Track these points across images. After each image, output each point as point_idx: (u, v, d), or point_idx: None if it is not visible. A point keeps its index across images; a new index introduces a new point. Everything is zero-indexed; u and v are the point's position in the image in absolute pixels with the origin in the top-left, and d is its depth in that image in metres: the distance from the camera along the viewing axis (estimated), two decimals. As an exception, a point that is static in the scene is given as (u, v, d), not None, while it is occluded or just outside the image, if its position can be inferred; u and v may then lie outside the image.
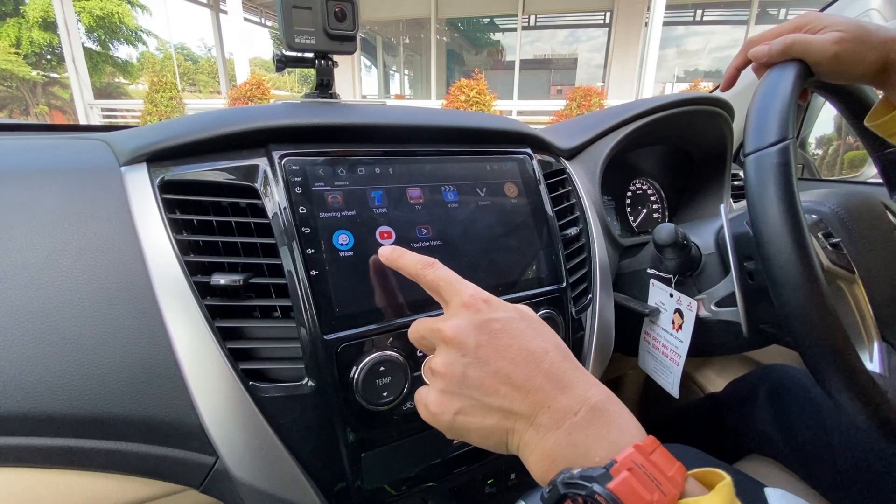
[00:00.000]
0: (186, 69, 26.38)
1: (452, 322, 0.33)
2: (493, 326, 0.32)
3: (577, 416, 0.29)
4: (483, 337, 0.32)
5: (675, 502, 0.25)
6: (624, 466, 0.25)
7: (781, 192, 0.40)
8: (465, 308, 0.33)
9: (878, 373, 0.45)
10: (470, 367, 0.31)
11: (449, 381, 0.32)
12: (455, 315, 0.33)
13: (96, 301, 0.39)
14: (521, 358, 0.31)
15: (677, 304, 0.62)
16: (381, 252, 0.41)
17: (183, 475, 0.42)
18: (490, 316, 0.33)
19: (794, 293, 0.39)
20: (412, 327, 0.37)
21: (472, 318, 0.33)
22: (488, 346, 0.32)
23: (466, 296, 0.34)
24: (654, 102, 0.76)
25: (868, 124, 0.51)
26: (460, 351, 0.32)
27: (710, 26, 9.47)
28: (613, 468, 0.25)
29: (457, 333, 0.32)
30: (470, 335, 0.32)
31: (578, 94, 6.47)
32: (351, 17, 0.51)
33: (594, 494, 0.25)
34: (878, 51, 0.44)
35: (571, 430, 0.28)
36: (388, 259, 0.40)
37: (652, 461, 0.26)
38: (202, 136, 0.44)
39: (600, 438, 0.28)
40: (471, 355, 0.31)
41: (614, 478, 0.25)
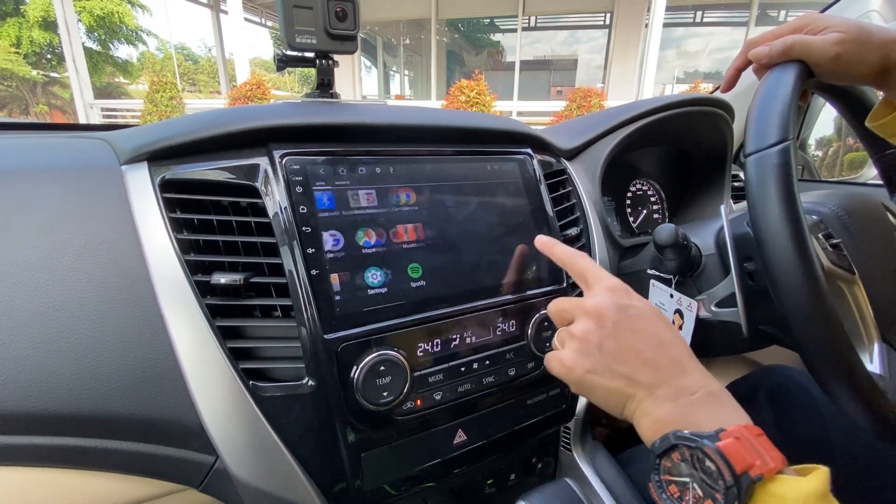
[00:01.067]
0: (186, 69, 26.38)
1: (596, 299, 0.38)
2: (631, 311, 0.37)
3: (695, 396, 0.33)
4: (622, 317, 0.37)
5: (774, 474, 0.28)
6: (732, 434, 0.29)
7: (782, 192, 0.39)
8: (608, 291, 0.38)
9: (878, 374, 0.45)
10: (606, 339, 0.36)
11: (586, 345, 0.37)
12: (599, 294, 0.38)
13: (97, 300, 0.39)
14: (651, 341, 0.36)
15: (677, 305, 0.62)
16: (539, 239, 0.47)
17: (183, 474, 0.42)
18: (629, 302, 0.38)
19: (794, 294, 0.39)
20: (555, 302, 0.42)
21: (613, 300, 0.38)
22: (625, 325, 0.36)
23: (611, 283, 0.39)
24: (654, 103, 0.76)
25: (869, 125, 0.51)
26: (599, 323, 0.37)
27: (710, 28, 9.48)
28: (723, 433, 0.29)
29: (599, 308, 0.37)
30: (610, 312, 0.37)
31: (578, 94, 6.47)
32: (352, 16, 0.52)
33: (703, 447, 0.28)
34: (878, 52, 0.44)
35: (687, 404, 0.33)
36: (542, 245, 0.46)
37: (758, 439, 0.29)
38: (203, 136, 0.44)
39: (712, 415, 0.32)
40: (608, 329, 0.36)
41: (722, 440, 0.28)
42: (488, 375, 0.51)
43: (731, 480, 0.27)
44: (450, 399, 0.49)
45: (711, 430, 0.30)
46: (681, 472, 0.30)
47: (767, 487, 0.27)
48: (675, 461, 0.30)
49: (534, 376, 0.54)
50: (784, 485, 0.28)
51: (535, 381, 0.55)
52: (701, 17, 9.25)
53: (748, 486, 0.27)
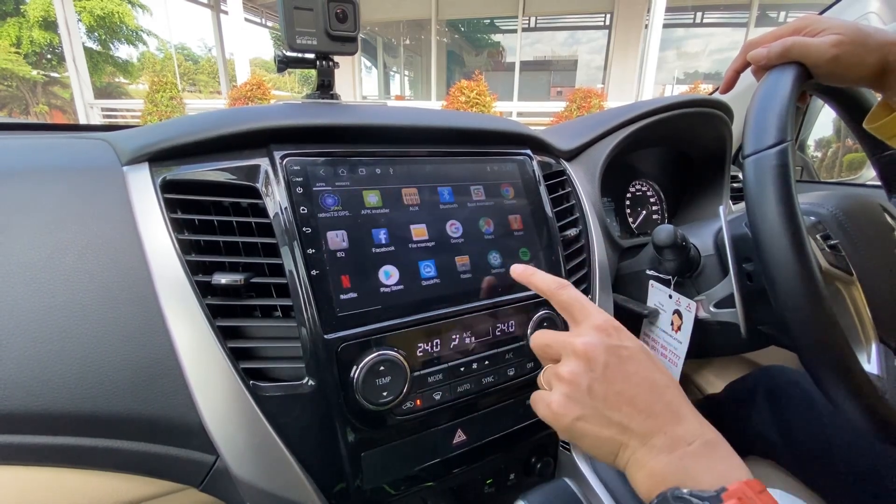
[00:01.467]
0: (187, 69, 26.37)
1: (585, 339, 0.35)
2: (622, 353, 0.35)
3: (691, 447, 0.31)
4: (612, 359, 0.34)
5: None
6: (734, 495, 0.26)
7: (780, 193, 0.40)
8: (596, 330, 0.36)
9: (875, 374, 0.45)
10: (596, 382, 0.34)
11: (575, 389, 0.34)
12: (587, 334, 0.36)
13: (98, 300, 0.39)
14: (644, 385, 0.34)
15: (676, 306, 0.62)
16: (514, 269, 0.43)
17: (183, 474, 0.43)
18: (620, 343, 0.35)
19: (792, 295, 0.39)
20: (538, 335, 0.39)
21: (603, 340, 0.35)
22: (616, 368, 0.34)
23: (600, 319, 0.37)
24: (653, 104, 0.77)
25: (867, 127, 0.52)
26: (589, 366, 0.34)
27: (709, 28, 9.49)
28: (724, 494, 0.27)
29: (588, 350, 0.34)
30: (600, 354, 0.34)
31: (578, 95, 6.48)
32: (352, 18, 0.52)
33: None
34: (876, 53, 0.44)
35: (684, 456, 0.31)
36: (520, 276, 0.42)
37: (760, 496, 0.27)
38: (204, 136, 0.45)
39: (710, 469, 0.30)
40: (599, 372, 0.34)
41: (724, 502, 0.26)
42: (487, 376, 0.51)
43: None
44: (449, 399, 0.49)
45: (712, 489, 0.28)
46: None
47: None
48: None
49: (533, 376, 0.54)
50: None
51: (534, 380, 0.55)
52: (701, 17, 9.25)
53: None
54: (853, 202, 0.53)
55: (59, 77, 14.71)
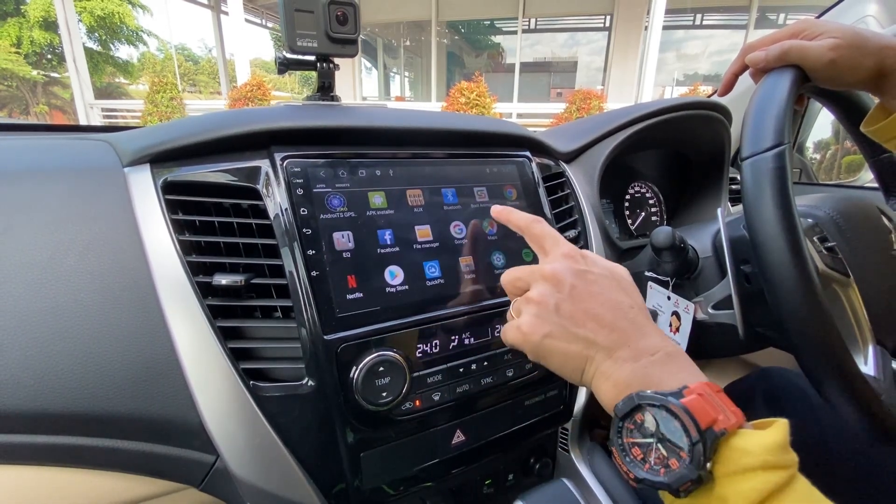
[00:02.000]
0: (187, 70, 26.39)
1: (552, 265, 0.37)
2: (588, 276, 0.37)
3: (655, 357, 0.33)
4: (578, 281, 0.36)
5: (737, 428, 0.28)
6: (695, 391, 0.29)
7: (777, 196, 0.40)
8: (564, 257, 0.38)
9: (872, 375, 0.46)
10: (563, 302, 0.36)
11: (543, 309, 0.36)
12: (555, 260, 0.38)
13: (99, 300, 0.39)
14: (609, 304, 0.36)
15: (675, 307, 0.62)
16: (493, 209, 0.45)
17: (183, 474, 0.43)
18: (586, 268, 0.37)
19: (789, 296, 0.40)
20: (508, 272, 0.41)
21: (570, 265, 0.37)
22: (582, 289, 0.36)
23: (567, 248, 0.39)
24: (652, 107, 0.77)
25: (864, 130, 0.52)
26: (557, 287, 0.36)
27: (709, 30, 9.51)
28: (686, 391, 0.30)
29: (555, 273, 0.37)
30: (567, 277, 0.36)
31: (578, 97, 6.49)
32: (352, 20, 0.52)
33: (668, 405, 0.28)
34: (873, 57, 0.44)
35: (648, 365, 0.33)
36: (498, 215, 0.44)
37: (718, 395, 0.30)
38: (205, 138, 0.45)
39: (672, 375, 0.32)
40: (565, 293, 0.36)
41: (686, 397, 0.29)
42: (486, 376, 0.51)
43: (697, 437, 0.27)
44: (448, 399, 0.49)
45: (674, 389, 0.30)
46: (644, 434, 0.30)
47: (730, 442, 0.28)
48: (638, 422, 0.30)
49: (532, 377, 0.55)
50: (746, 439, 0.28)
51: (533, 382, 0.55)
52: (700, 19, 9.27)
53: (713, 442, 0.27)
54: (850, 204, 0.53)
55: (60, 77, 14.72)
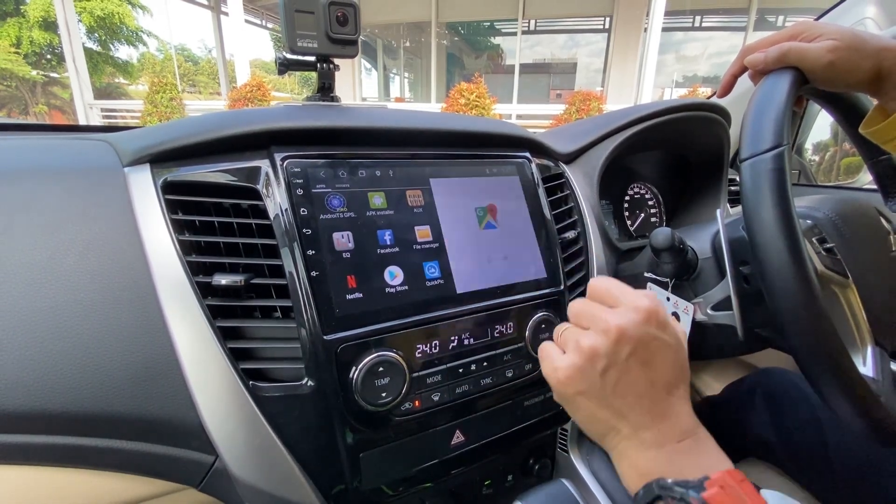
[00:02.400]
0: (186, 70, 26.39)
1: (621, 319, 0.33)
2: (653, 345, 0.33)
3: (681, 444, 0.32)
4: (641, 350, 0.33)
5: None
6: (716, 483, 0.28)
7: (776, 197, 0.40)
8: (639, 314, 0.33)
9: (871, 377, 0.46)
10: (613, 367, 0.33)
11: (590, 365, 0.33)
12: (628, 315, 0.33)
13: (98, 300, 0.39)
14: (659, 383, 0.33)
15: (674, 308, 0.62)
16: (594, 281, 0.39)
17: (182, 474, 0.43)
18: (654, 333, 0.33)
19: (787, 297, 0.40)
20: (577, 302, 0.37)
21: (641, 327, 0.33)
22: (638, 359, 0.33)
23: (644, 304, 0.34)
24: (652, 108, 0.77)
25: (863, 131, 0.52)
26: (614, 348, 0.33)
27: (708, 32, 9.53)
28: (707, 482, 0.28)
29: (620, 332, 0.33)
30: (630, 341, 0.33)
31: (578, 98, 6.49)
32: (353, 21, 0.52)
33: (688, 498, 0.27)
34: (871, 59, 0.44)
35: (672, 452, 0.32)
36: None
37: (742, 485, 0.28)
38: (205, 138, 0.45)
39: (696, 464, 0.31)
40: (620, 358, 0.33)
41: (707, 489, 0.27)
42: (486, 377, 0.51)
43: None
44: (448, 400, 0.49)
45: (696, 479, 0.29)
46: None
47: None
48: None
49: (531, 378, 0.55)
50: None
51: (533, 382, 0.55)
52: (700, 21, 9.29)
53: None
54: (849, 206, 0.53)
55: (59, 77, 14.71)
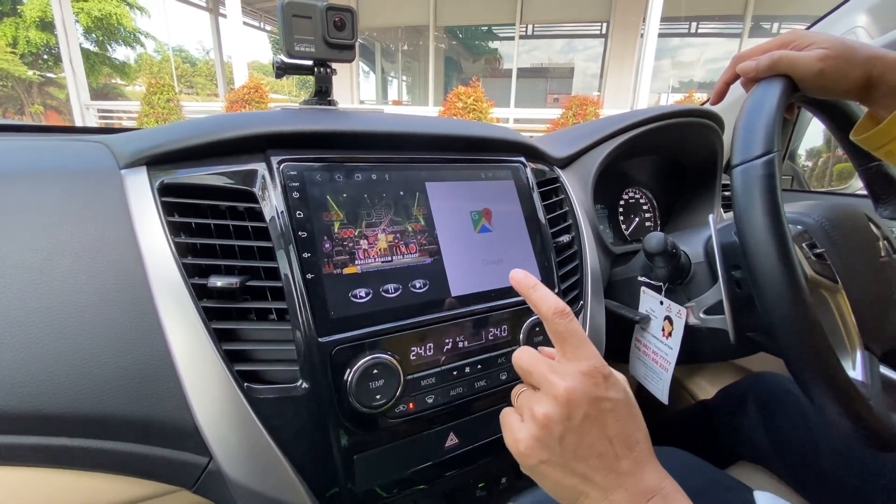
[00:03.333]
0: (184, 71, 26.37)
1: (570, 384, 0.33)
2: (604, 405, 0.34)
3: (651, 501, 0.32)
4: (593, 411, 0.33)
5: None
6: None
7: (766, 202, 0.41)
8: (585, 376, 0.34)
9: (860, 381, 0.46)
10: (570, 433, 0.33)
11: (546, 434, 0.33)
12: (574, 378, 0.34)
13: (94, 302, 0.39)
14: (618, 441, 0.33)
15: (667, 312, 0.63)
16: (514, 275, 0.38)
17: (176, 475, 0.43)
18: (605, 395, 0.34)
19: (778, 301, 0.40)
20: (522, 355, 0.37)
21: (589, 389, 0.33)
22: (594, 421, 0.33)
23: (588, 365, 0.34)
24: (646, 114, 0.78)
25: (853, 138, 0.53)
26: (567, 413, 0.33)
27: (704, 38, 9.60)
28: None
29: (571, 398, 0.33)
30: (582, 405, 0.33)
31: (575, 102, 6.52)
32: (350, 26, 0.53)
33: None
34: (861, 68, 0.45)
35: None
36: (519, 285, 0.38)
37: None
38: (202, 141, 0.45)
39: None
40: (575, 422, 0.33)
41: None
42: (480, 379, 0.52)
43: None
44: (442, 402, 0.49)
45: None
46: None
47: None
48: None
49: (525, 381, 0.55)
50: None
51: (527, 385, 0.55)
52: (695, 28, 9.36)
53: None
54: (839, 212, 0.54)
55: (55, 78, 14.66)
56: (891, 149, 0.49)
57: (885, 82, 0.45)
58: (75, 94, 7.84)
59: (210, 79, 24.19)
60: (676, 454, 0.60)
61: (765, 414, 0.73)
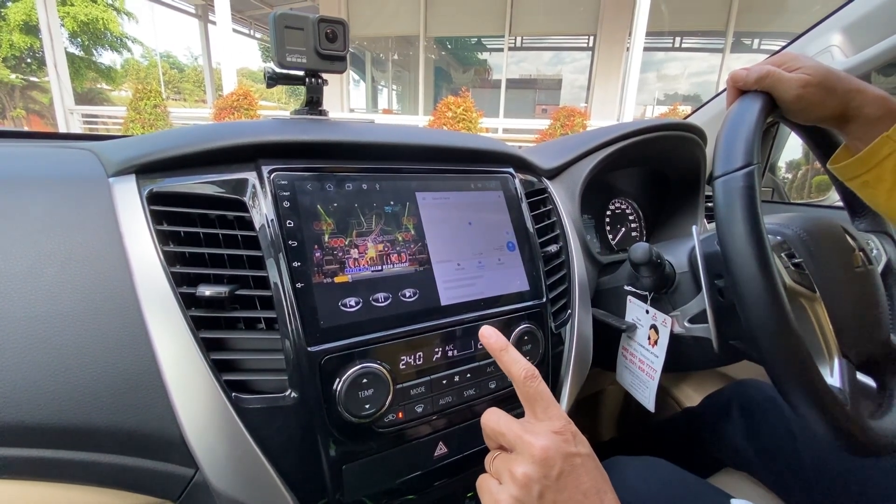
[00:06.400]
0: (172, 77, 26.15)
1: (545, 443, 0.36)
2: (576, 461, 0.36)
3: None
4: (567, 466, 0.36)
5: None
6: None
7: (746, 213, 0.42)
8: (557, 434, 0.36)
9: (837, 387, 0.47)
10: (548, 490, 0.35)
11: (525, 493, 0.35)
12: (547, 437, 0.36)
13: (79, 311, 0.39)
14: (590, 492, 0.36)
15: (653, 321, 0.64)
16: (484, 332, 0.42)
17: (161, 487, 0.42)
18: (576, 450, 0.37)
19: (758, 309, 0.41)
20: (491, 416, 0.39)
21: (562, 446, 0.36)
22: (568, 477, 0.35)
23: (559, 424, 0.37)
24: (632, 127, 0.80)
25: (830, 167, 0.55)
26: (543, 471, 0.35)
27: (688, 53, 9.84)
28: None
29: (547, 457, 0.35)
30: (556, 462, 0.35)
31: (562, 113, 6.62)
32: (341, 38, 0.53)
33: None
34: (839, 99, 0.47)
35: None
36: (491, 345, 0.41)
37: None
38: (193, 150, 0.45)
39: None
40: (552, 479, 0.35)
41: None
42: (469, 388, 0.52)
43: None
44: (431, 411, 0.49)
45: None
46: None
47: None
48: None
49: (514, 389, 0.55)
50: None
51: (516, 394, 0.56)
52: (679, 42, 9.59)
53: None
54: (816, 224, 0.56)
55: (39, 81, 14.42)
56: (866, 179, 0.51)
57: (861, 115, 0.47)
58: (59, 99, 7.72)
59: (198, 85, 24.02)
60: (657, 464, 0.60)
61: (748, 421, 0.75)
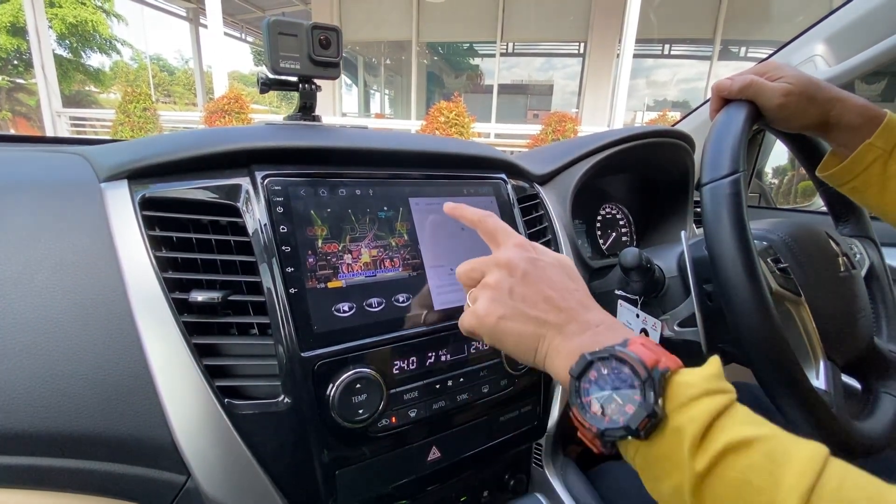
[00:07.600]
0: (161, 80, 25.93)
1: (506, 253, 0.40)
2: (538, 263, 0.40)
3: (599, 327, 0.37)
4: (530, 267, 0.40)
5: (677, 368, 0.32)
6: (636, 342, 0.33)
7: (733, 219, 0.43)
8: (517, 247, 0.41)
9: (823, 389, 0.48)
10: (517, 286, 0.39)
11: (498, 293, 0.39)
12: (509, 249, 0.41)
13: (70, 317, 0.39)
14: (557, 287, 0.39)
15: (643, 325, 0.64)
16: (446, 206, 0.47)
17: (152, 495, 0.42)
18: (536, 256, 0.41)
19: (744, 313, 0.42)
20: (463, 263, 0.43)
21: (522, 253, 0.40)
22: (533, 274, 0.39)
23: (519, 239, 0.42)
24: (622, 133, 0.81)
25: (820, 175, 0.56)
26: (510, 273, 0.39)
27: (677, 60, 9.99)
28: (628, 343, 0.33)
29: (509, 260, 0.40)
30: (520, 263, 0.39)
31: (554, 119, 6.67)
32: (335, 44, 0.54)
33: (616, 353, 0.32)
34: (820, 107, 0.49)
35: (594, 335, 0.36)
36: (451, 210, 0.47)
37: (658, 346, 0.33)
38: (186, 155, 0.45)
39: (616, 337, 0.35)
40: (518, 277, 0.39)
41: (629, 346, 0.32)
42: (462, 393, 0.52)
43: (645, 374, 0.30)
44: (425, 416, 0.49)
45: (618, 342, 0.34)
46: (601, 387, 0.32)
47: (674, 379, 0.31)
48: (592, 379, 0.33)
49: (507, 393, 0.56)
50: (686, 375, 0.31)
51: (509, 398, 0.56)
52: (668, 49, 9.73)
53: (660, 379, 0.30)
54: (801, 229, 0.57)
55: (26, 83, 14.23)
56: (855, 185, 0.52)
57: (843, 123, 0.49)
58: (46, 101, 7.62)
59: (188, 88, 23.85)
60: None
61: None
